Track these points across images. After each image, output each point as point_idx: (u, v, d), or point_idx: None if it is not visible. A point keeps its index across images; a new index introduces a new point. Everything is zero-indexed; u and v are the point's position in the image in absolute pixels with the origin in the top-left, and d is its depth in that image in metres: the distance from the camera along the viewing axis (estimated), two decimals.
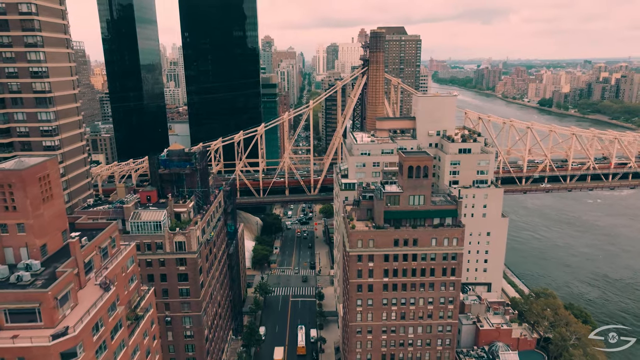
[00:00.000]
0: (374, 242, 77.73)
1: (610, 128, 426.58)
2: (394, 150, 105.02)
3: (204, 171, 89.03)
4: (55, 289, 39.63)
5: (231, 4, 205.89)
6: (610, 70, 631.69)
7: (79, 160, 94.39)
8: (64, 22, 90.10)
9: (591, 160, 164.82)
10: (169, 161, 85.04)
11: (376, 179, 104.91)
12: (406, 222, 78.85)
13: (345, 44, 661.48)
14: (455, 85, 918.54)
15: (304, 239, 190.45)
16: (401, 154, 78.02)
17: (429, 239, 77.81)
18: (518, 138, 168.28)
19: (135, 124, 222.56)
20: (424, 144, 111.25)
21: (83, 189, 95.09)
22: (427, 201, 78.27)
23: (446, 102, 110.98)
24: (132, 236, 76.47)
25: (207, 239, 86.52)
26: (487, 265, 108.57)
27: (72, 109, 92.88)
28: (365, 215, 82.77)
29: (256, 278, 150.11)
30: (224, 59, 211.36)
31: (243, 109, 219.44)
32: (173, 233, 76.95)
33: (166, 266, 78.49)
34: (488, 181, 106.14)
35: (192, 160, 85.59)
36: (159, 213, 77.58)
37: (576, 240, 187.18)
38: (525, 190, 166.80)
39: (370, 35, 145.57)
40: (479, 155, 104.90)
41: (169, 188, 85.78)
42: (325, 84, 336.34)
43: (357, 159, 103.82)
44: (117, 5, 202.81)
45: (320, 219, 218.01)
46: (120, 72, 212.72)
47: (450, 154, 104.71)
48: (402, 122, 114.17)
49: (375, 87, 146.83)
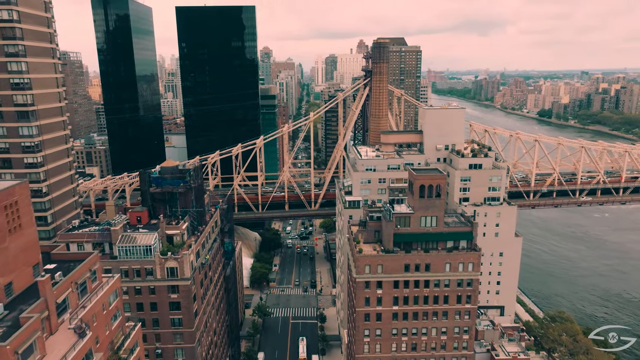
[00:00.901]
0: (382, 267, 71.65)
1: (611, 139, 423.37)
2: (401, 165, 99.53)
3: (199, 189, 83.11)
4: (15, 341, 33.38)
5: (230, 15, 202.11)
6: (609, 81, 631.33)
7: (65, 177, 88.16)
8: (49, 31, 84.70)
9: (601, 173, 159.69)
10: (161, 179, 79.12)
11: (382, 196, 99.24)
12: (417, 245, 72.92)
13: (344, 55, 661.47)
14: (454, 96, 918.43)
15: (304, 255, 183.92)
16: (411, 171, 72.34)
17: (443, 264, 71.79)
18: (525, 151, 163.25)
19: (131, 136, 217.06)
20: (432, 159, 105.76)
21: (69, 208, 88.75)
22: (440, 223, 72.40)
23: (455, 115, 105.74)
24: (119, 262, 70.33)
25: (202, 262, 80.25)
26: (499, 287, 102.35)
27: (58, 122, 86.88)
28: (373, 238, 76.79)
29: (254, 298, 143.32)
30: (222, 69, 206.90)
31: (241, 121, 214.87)
32: (164, 258, 70.71)
33: (157, 294, 72.11)
34: (500, 198, 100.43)
35: (186, 178, 79.69)
36: (149, 236, 71.41)
37: (585, 257, 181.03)
38: (533, 205, 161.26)
39: (373, 45, 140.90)
40: (491, 171, 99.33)
41: (161, 208, 79.82)
42: (325, 95, 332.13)
43: (362, 175, 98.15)
44: (113, 15, 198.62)
45: (320, 233, 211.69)
46: (116, 83, 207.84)
47: (460, 169, 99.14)
48: (408, 135, 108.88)
49: (379, 99, 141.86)
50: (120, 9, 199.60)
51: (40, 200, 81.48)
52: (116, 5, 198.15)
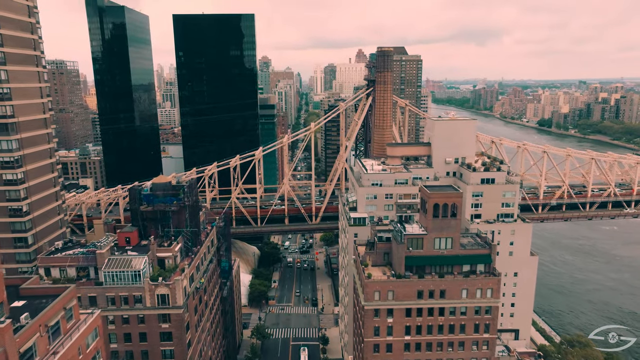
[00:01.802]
0: (393, 293, 65.60)
1: (613, 149, 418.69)
2: (409, 180, 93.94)
3: (194, 206, 77.18)
4: None
5: (228, 23, 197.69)
6: (609, 91, 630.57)
7: (49, 194, 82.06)
8: (33, 37, 79.21)
9: (612, 186, 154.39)
10: (153, 196, 73.22)
11: (389, 212, 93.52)
12: (431, 269, 67.02)
13: (343, 64, 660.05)
14: (453, 105, 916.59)
15: (305, 270, 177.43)
16: (424, 189, 66.62)
17: (459, 290, 65.81)
18: (533, 163, 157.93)
19: (126, 147, 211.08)
20: (441, 173, 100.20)
21: (52, 228, 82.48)
22: (456, 245, 66.56)
23: (465, 126, 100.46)
24: (105, 288, 64.13)
25: (197, 286, 74.05)
26: (514, 309, 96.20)
27: (42, 135, 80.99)
28: (382, 260, 70.89)
29: (253, 317, 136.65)
30: (220, 79, 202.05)
31: (240, 131, 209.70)
32: (155, 284, 64.52)
33: (146, 323, 65.78)
34: (514, 214, 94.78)
35: (180, 195, 73.84)
36: (138, 260, 65.29)
37: (595, 272, 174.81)
38: (542, 218, 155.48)
39: (377, 54, 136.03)
40: (504, 186, 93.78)
41: (153, 227, 73.80)
42: (325, 105, 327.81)
43: (368, 190, 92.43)
44: (108, 24, 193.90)
45: (321, 247, 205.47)
46: (111, 92, 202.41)
47: (472, 184, 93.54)
48: (416, 148, 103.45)
49: (383, 110, 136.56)
50: (116, 18, 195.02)
51: (20, 220, 75.31)
52: (112, 14, 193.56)
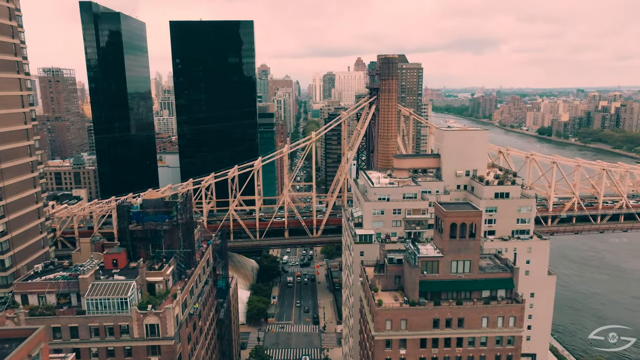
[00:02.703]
0: (407, 322, 59.61)
1: (614, 157, 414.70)
2: (418, 194, 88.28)
3: (188, 225, 71.23)
4: None
5: (227, 30, 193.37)
6: (607, 99, 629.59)
7: (30, 212, 76.00)
8: (14, 41, 73.65)
9: (624, 197, 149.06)
10: (143, 214, 67.29)
11: (397, 228, 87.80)
12: (447, 295, 61.14)
13: (342, 73, 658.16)
14: (452, 113, 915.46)
15: (305, 285, 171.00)
16: (440, 207, 60.91)
17: (479, 319, 59.86)
18: (541, 173, 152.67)
19: (121, 157, 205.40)
20: (451, 186, 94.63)
21: (34, 248, 76.17)
22: (475, 268, 60.77)
23: (477, 137, 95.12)
24: (88, 317, 58.02)
25: (190, 312, 67.88)
26: (530, 332, 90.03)
27: (22, 148, 75.11)
28: (393, 284, 64.95)
29: (251, 336, 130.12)
30: (218, 87, 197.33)
31: (238, 140, 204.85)
32: (143, 313, 58.39)
33: (133, 356, 59.58)
34: (530, 231, 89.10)
35: (173, 213, 67.94)
36: (125, 285, 59.23)
37: (606, 286, 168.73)
38: (552, 231, 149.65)
39: (381, 61, 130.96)
40: (519, 200, 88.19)
41: (143, 248, 67.84)
42: (325, 113, 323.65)
43: (374, 205, 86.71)
44: (104, 30, 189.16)
45: (321, 259, 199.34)
46: (106, 101, 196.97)
47: (485, 198, 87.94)
48: (425, 160, 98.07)
49: (387, 119, 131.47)
50: (111, 25, 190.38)
51: None
52: (107, 21, 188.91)
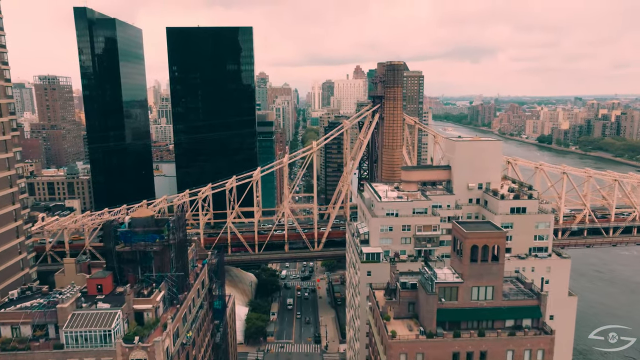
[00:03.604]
0: (424, 356, 53.58)
1: (615, 166, 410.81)
2: (429, 209, 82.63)
3: (181, 245, 65.28)
4: None
5: (225, 36, 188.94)
6: (607, 107, 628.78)
7: (8, 231, 69.80)
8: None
9: (637, 209, 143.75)
10: (131, 234, 61.32)
11: (406, 246, 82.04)
12: (467, 324, 55.23)
13: (341, 81, 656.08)
14: (450, 121, 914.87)
15: (305, 300, 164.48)
16: (459, 228, 55.22)
17: (503, 351, 53.93)
18: (550, 184, 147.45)
19: (116, 166, 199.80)
20: (463, 200, 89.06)
21: (11, 271, 69.47)
22: (498, 295, 54.99)
23: (490, 148, 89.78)
24: (67, 352, 51.81)
25: (183, 342, 61.67)
26: None
27: (0, 160, 69.48)
28: (406, 312, 59.02)
29: (250, 356, 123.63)
30: (216, 95, 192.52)
31: (237, 149, 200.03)
32: (129, 347, 52.20)
33: None
34: (549, 249, 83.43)
35: (164, 232, 62.05)
36: (109, 315, 53.11)
37: (621, 303, 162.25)
38: (563, 245, 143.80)
39: (387, 68, 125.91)
40: (537, 216, 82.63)
41: (131, 271, 61.78)
42: (324, 121, 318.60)
43: (382, 221, 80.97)
44: (99, 37, 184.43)
45: (322, 272, 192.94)
46: (101, 109, 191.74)
47: (501, 214, 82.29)
48: (435, 172, 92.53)
49: (393, 128, 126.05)
50: (106, 31, 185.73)
51: None
52: (102, 27, 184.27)
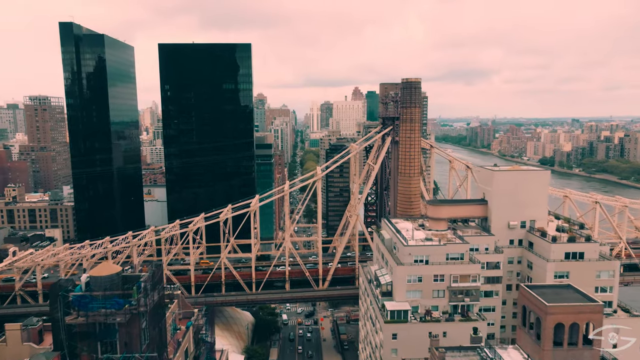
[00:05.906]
0: None
1: (621, 189, 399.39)
2: (465, 254, 67.64)
3: (157, 310, 49.82)
4: None
5: (221, 54, 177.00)
6: (606, 129, 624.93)
7: None
8: None
9: None
10: (89, 299, 45.84)
11: (439, 300, 66.69)
12: None
13: (340, 102, 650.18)
14: (449, 143, 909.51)
15: (308, 341, 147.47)
16: (535, 297, 40.26)
17: None
18: (579, 215, 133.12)
19: (102, 192, 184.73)
20: (503, 241, 74.35)
21: None
22: None
23: (534, 178, 75.51)
24: None
25: None
26: None
27: None
28: None
29: None
30: (211, 115, 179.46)
31: (233, 174, 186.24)
32: None
33: None
34: (613, 304, 68.29)
35: (134, 295, 46.62)
36: None
37: None
38: None
39: (403, 85, 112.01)
40: (598, 263, 67.79)
41: (87, 349, 46.08)
42: (325, 144, 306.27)
43: (410, 269, 65.83)
44: (85, 54, 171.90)
45: (325, 309, 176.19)
46: (87, 131, 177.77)
47: (553, 260, 67.40)
48: (468, 208, 77.89)
49: (410, 154, 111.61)
50: (94, 47, 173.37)
51: None
52: (90, 43, 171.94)
